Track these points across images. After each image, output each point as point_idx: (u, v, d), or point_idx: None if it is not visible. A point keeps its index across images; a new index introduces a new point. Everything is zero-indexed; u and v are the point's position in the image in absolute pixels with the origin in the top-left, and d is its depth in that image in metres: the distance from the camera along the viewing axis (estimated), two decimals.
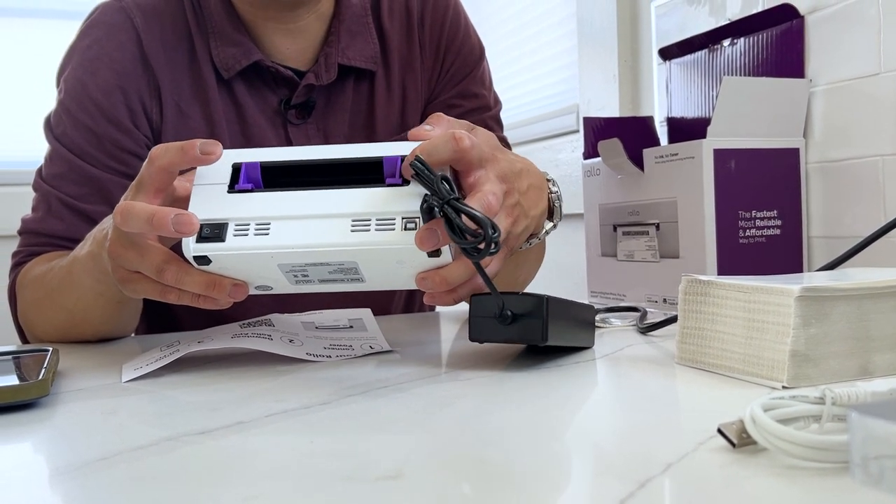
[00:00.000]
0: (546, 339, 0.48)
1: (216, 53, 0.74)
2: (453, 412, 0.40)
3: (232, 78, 0.75)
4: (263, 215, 0.48)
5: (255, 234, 0.48)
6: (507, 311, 0.48)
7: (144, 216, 0.47)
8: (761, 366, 0.44)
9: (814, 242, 0.81)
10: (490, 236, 0.43)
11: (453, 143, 0.48)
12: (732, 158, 0.75)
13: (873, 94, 0.74)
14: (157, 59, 0.74)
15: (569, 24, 1.33)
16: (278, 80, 0.76)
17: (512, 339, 0.49)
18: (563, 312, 0.51)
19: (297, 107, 0.77)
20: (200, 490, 0.30)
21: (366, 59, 0.78)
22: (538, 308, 0.48)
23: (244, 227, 0.48)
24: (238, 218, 0.48)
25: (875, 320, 0.44)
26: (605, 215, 0.88)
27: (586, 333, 0.56)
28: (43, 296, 0.69)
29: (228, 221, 0.48)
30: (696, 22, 0.97)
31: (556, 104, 1.41)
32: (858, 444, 0.22)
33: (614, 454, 0.32)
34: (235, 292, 0.50)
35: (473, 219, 0.44)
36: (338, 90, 0.78)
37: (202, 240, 0.48)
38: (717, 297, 0.48)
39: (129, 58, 0.74)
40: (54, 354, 0.52)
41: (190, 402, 0.44)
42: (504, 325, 0.48)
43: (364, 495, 0.28)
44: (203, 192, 0.50)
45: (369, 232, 0.47)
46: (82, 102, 0.74)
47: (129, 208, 0.48)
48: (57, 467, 0.33)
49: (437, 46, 0.82)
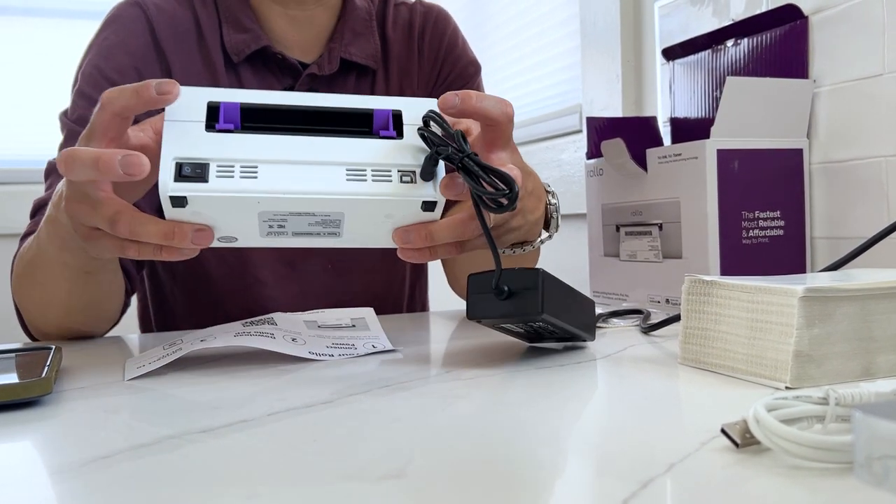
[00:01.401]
0: (542, 311, 0.47)
1: (227, 39, 0.78)
2: (456, 411, 0.40)
3: (240, 63, 0.78)
4: (249, 158, 0.45)
5: (242, 177, 0.45)
6: (504, 286, 0.48)
7: (89, 161, 0.45)
8: (764, 366, 0.44)
9: (817, 243, 0.81)
10: (514, 190, 0.44)
11: (504, 106, 0.49)
12: (736, 159, 0.75)
13: (877, 95, 0.74)
14: (169, 46, 0.78)
15: (572, 24, 1.33)
16: (283, 68, 0.80)
17: (509, 313, 0.49)
18: (560, 290, 0.51)
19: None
20: (203, 488, 0.30)
21: (367, 57, 0.82)
22: (534, 281, 0.48)
23: (228, 168, 0.45)
24: (221, 159, 0.45)
25: (878, 321, 0.44)
26: (607, 215, 0.88)
27: (586, 323, 0.55)
28: (21, 271, 0.69)
29: (210, 161, 0.45)
30: (699, 22, 0.97)
31: (559, 104, 1.41)
32: (863, 444, 0.22)
33: (617, 454, 0.32)
34: (199, 238, 0.47)
35: (497, 174, 0.45)
36: (339, 85, 0.81)
37: (181, 178, 0.44)
38: (720, 297, 0.47)
39: (142, 44, 0.77)
40: (57, 352, 0.52)
41: (192, 401, 0.44)
42: (501, 299, 0.48)
43: (366, 495, 0.28)
44: (177, 128, 0.46)
45: (366, 182, 0.46)
46: (98, 83, 0.76)
47: (73, 154, 0.45)
48: (59, 465, 0.33)
49: (436, 57, 0.86)
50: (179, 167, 0.44)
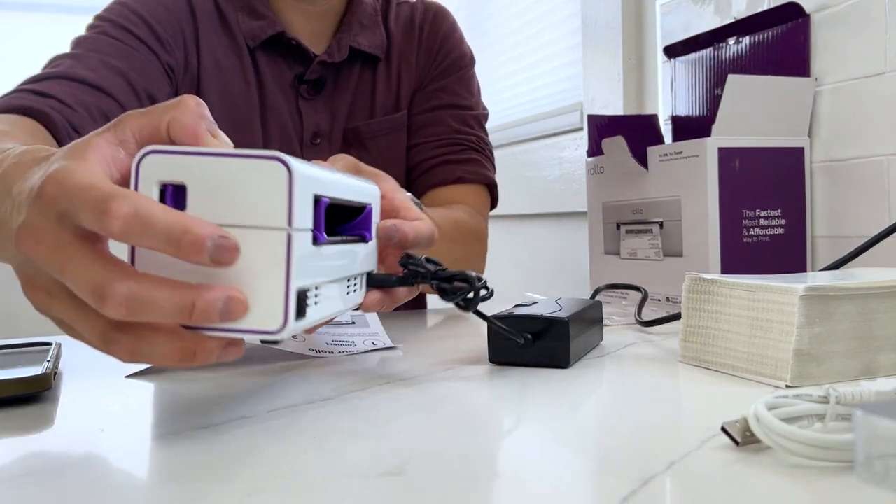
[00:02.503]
0: (569, 364, 0.49)
1: (243, 26, 0.82)
2: (456, 409, 0.40)
3: (255, 48, 0.82)
4: (322, 280, 0.37)
5: (316, 304, 0.36)
6: (527, 334, 0.49)
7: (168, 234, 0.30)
8: (765, 365, 0.44)
9: (818, 242, 0.81)
10: (475, 286, 0.46)
11: (432, 232, 0.48)
12: (737, 157, 0.75)
13: (879, 94, 0.74)
14: (202, 16, 0.81)
15: (573, 22, 1.33)
16: (295, 55, 0.83)
17: (533, 363, 0.50)
18: (581, 327, 0.52)
19: (308, 83, 0.84)
20: (202, 485, 0.30)
21: (374, 47, 0.86)
22: (559, 331, 0.49)
23: (316, 293, 0.36)
24: (316, 283, 0.36)
25: (879, 320, 0.44)
26: (608, 213, 0.88)
27: (597, 335, 0.58)
28: None
29: (309, 288, 0.35)
30: (701, 20, 0.96)
31: (559, 101, 1.41)
32: (863, 443, 0.22)
33: (617, 452, 0.32)
34: (228, 354, 0.34)
35: (457, 277, 0.47)
36: (345, 72, 0.86)
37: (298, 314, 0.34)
38: (720, 295, 0.47)
39: (180, 4, 0.80)
40: (57, 348, 0.52)
41: (192, 397, 0.44)
42: (524, 348, 0.49)
43: (366, 491, 0.28)
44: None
45: (357, 293, 0.44)
46: (126, 15, 0.77)
47: (146, 214, 0.30)
48: (58, 462, 0.33)
49: (431, 47, 0.91)
50: (301, 299, 0.34)
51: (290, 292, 0.33)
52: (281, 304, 0.33)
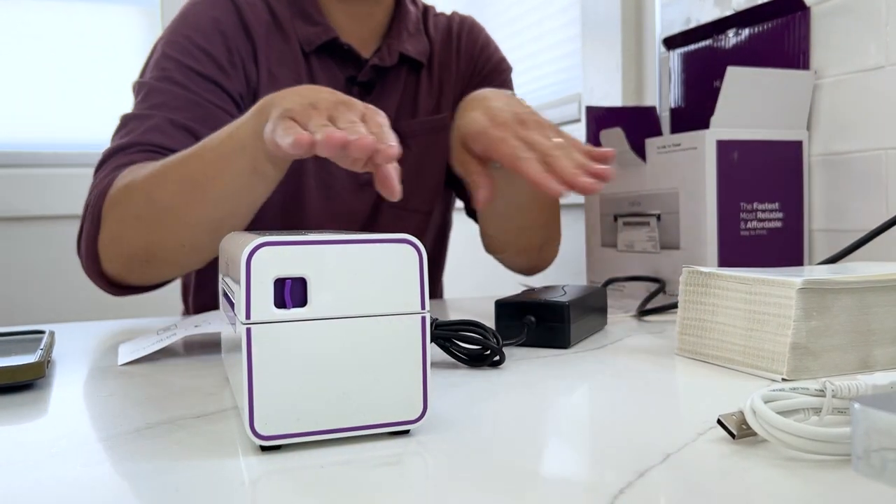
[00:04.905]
0: (569, 345, 0.54)
1: (299, 31, 0.84)
2: (452, 400, 0.40)
3: (310, 53, 0.84)
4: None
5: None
6: (530, 318, 0.54)
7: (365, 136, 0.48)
8: (762, 358, 0.44)
9: (815, 235, 0.81)
10: (495, 348, 0.48)
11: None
12: (735, 150, 0.75)
13: (878, 88, 0.74)
14: (256, 30, 0.82)
15: (572, 13, 1.33)
16: (347, 59, 0.86)
17: (535, 344, 0.54)
18: (582, 312, 0.56)
19: (359, 85, 0.87)
20: (197, 473, 0.29)
21: (420, 53, 0.90)
22: (560, 315, 0.53)
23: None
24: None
25: (876, 314, 0.44)
26: (605, 205, 0.88)
27: (600, 320, 0.61)
28: (168, 185, 0.65)
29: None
30: (700, 12, 0.96)
31: (558, 93, 1.40)
32: (861, 436, 0.22)
33: (613, 444, 0.32)
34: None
35: (470, 341, 0.48)
36: (392, 77, 0.89)
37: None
38: (718, 288, 0.47)
39: (231, 22, 0.81)
40: (50, 336, 0.52)
41: (186, 386, 0.44)
42: (527, 332, 0.54)
43: (363, 481, 0.28)
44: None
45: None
46: (187, 49, 0.78)
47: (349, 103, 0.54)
48: (52, 450, 0.33)
49: (472, 55, 0.96)
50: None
51: (426, 378, 0.33)
52: (420, 391, 0.33)
